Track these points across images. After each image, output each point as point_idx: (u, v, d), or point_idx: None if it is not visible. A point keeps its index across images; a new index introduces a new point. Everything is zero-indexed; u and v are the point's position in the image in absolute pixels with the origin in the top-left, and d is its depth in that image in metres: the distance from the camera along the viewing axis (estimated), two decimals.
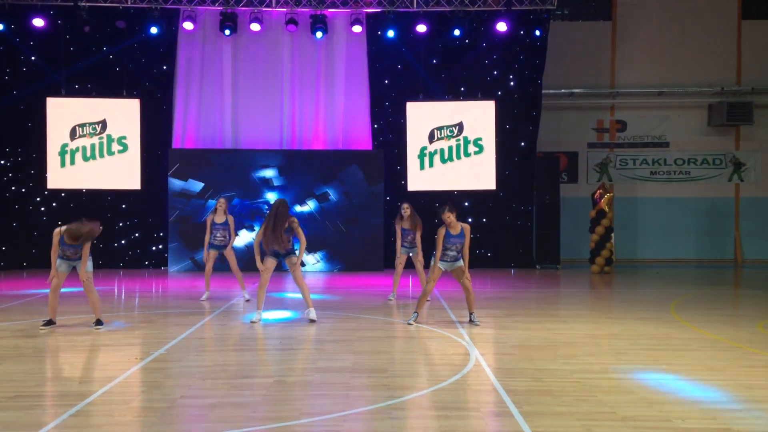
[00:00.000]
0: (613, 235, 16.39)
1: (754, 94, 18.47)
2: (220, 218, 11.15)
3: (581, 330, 8.71)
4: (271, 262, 9.12)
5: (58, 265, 8.57)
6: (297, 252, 9.16)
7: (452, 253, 8.85)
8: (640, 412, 5.21)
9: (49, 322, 8.70)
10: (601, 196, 16.21)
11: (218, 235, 11.17)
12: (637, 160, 19.00)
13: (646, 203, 18.95)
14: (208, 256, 11.29)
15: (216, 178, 16.13)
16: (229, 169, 16.19)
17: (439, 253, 8.84)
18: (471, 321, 9.03)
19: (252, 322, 9.07)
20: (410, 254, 11.17)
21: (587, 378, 6.22)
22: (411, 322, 9.07)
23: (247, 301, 11.12)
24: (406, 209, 10.99)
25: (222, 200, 11.31)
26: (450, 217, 8.72)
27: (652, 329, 8.71)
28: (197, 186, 16.13)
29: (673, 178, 18.97)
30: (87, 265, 8.56)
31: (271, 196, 16.11)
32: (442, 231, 8.82)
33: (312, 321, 9.11)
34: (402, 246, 11.12)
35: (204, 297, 11.32)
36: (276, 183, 16.27)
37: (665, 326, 8.94)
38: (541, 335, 8.32)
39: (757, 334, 8.49)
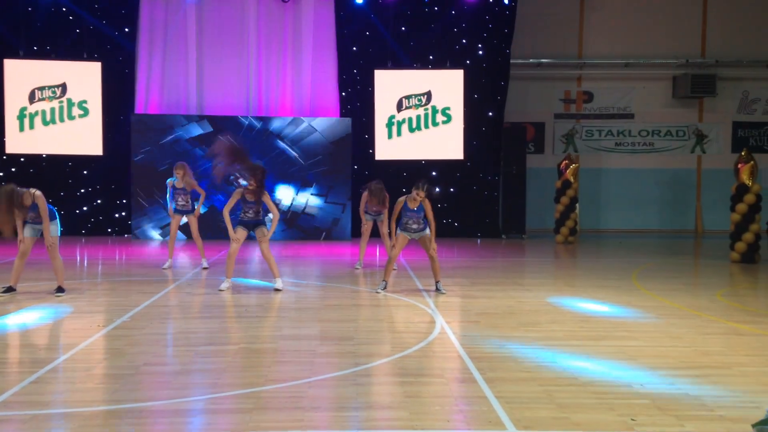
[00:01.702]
0: (577, 205, 16.58)
1: (717, 67, 18.68)
2: (179, 183, 10.98)
3: (545, 298, 8.83)
4: (241, 233, 9.04)
5: (25, 230, 8.41)
6: (269, 225, 9.11)
7: (414, 226, 8.90)
8: (600, 377, 5.31)
9: (9, 289, 8.53)
10: (567, 166, 16.35)
11: (179, 200, 11.00)
12: (602, 131, 19.16)
13: (611, 174, 19.17)
14: (172, 221, 11.14)
15: (178, 145, 15.85)
16: (194, 136, 15.91)
17: (393, 217, 9.06)
18: (437, 290, 9.08)
19: (220, 290, 8.99)
20: (376, 220, 11.17)
21: (550, 345, 6.31)
22: (380, 290, 9.08)
23: (205, 269, 10.98)
24: (374, 188, 10.62)
25: (179, 164, 11.07)
26: (420, 195, 8.76)
27: (614, 297, 8.87)
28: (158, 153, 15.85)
29: (638, 150, 19.20)
30: (51, 229, 8.40)
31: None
32: (401, 201, 8.89)
33: (277, 290, 9.07)
34: (367, 213, 11.11)
35: (167, 265, 11.13)
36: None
37: (627, 294, 9.10)
38: (506, 303, 8.41)
39: (716, 302, 8.70)
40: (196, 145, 15.85)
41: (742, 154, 12.85)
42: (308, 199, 16.27)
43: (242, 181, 9.00)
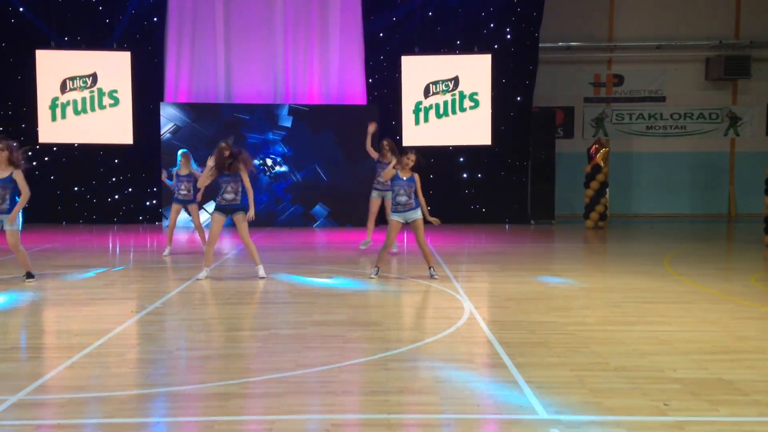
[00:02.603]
0: (607, 190, 16.37)
1: (752, 48, 18.27)
2: (183, 171, 11.09)
3: (575, 283, 8.76)
4: (218, 218, 8.81)
5: None
6: (246, 207, 8.81)
7: (403, 199, 8.82)
8: (632, 362, 5.26)
9: (29, 275, 8.61)
10: (597, 150, 16.15)
11: (182, 188, 11.10)
12: (633, 114, 18.88)
13: (642, 158, 18.90)
14: (172, 209, 11.26)
15: (209, 133, 15.97)
16: (222, 124, 16.01)
17: (386, 175, 9.02)
18: (431, 276, 8.96)
19: (198, 279, 8.81)
20: (383, 198, 11.10)
21: (581, 330, 6.26)
22: (373, 276, 9.01)
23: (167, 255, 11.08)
24: (385, 144, 10.92)
25: (182, 152, 11.20)
26: (411, 159, 8.75)
27: (646, 283, 8.77)
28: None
29: (669, 133, 18.89)
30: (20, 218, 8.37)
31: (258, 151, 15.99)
32: (392, 171, 8.88)
33: (262, 278, 8.89)
34: (375, 188, 11.09)
35: (166, 252, 11.20)
36: (270, 138, 16.12)
37: (659, 280, 8.99)
38: (536, 289, 8.36)
39: (749, 287, 8.55)
40: (221, 132, 15.92)
41: None
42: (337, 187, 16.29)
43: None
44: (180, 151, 11.29)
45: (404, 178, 8.85)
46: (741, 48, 18.30)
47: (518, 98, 17.05)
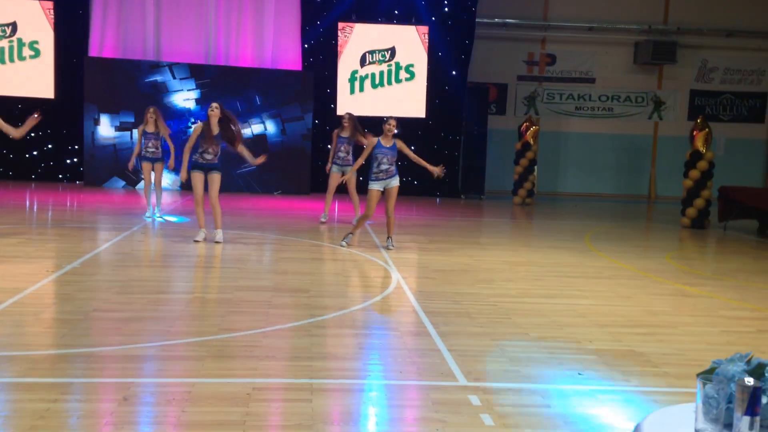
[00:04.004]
0: (536, 167, 16.71)
1: (678, 34, 18.85)
2: (150, 128, 10.65)
3: (500, 257, 8.93)
4: (198, 176, 8.73)
5: None
6: (219, 166, 8.81)
7: (385, 167, 8.79)
8: (551, 333, 5.41)
9: None
10: (527, 129, 16.42)
11: (149, 145, 10.65)
12: (563, 94, 19.26)
13: (570, 138, 19.35)
14: (142, 169, 10.83)
15: (135, 93, 15.43)
16: (151, 83, 15.50)
17: (362, 159, 8.97)
18: (388, 246, 9.04)
19: (195, 241, 8.74)
20: (342, 173, 11.01)
21: (503, 302, 6.40)
22: (344, 243, 9.02)
23: (156, 219, 10.76)
24: (346, 118, 10.91)
25: (151, 108, 10.77)
26: (392, 124, 8.75)
27: (567, 258, 9.02)
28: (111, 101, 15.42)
29: (597, 114, 19.39)
30: None
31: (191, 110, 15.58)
32: (373, 140, 8.85)
33: (217, 242, 8.77)
34: (334, 162, 10.98)
35: (147, 214, 10.84)
36: (199, 99, 15.71)
37: (579, 255, 9.26)
38: (462, 261, 8.49)
39: (665, 264, 8.92)
40: (152, 93, 15.43)
41: (698, 121, 13.07)
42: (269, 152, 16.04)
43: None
44: (149, 108, 10.73)
45: (387, 146, 8.77)
46: (668, 34, 18.86)
47: (453, 72, 17.12)
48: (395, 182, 8.90)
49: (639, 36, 18.96)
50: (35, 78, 15.28)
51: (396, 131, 8.89)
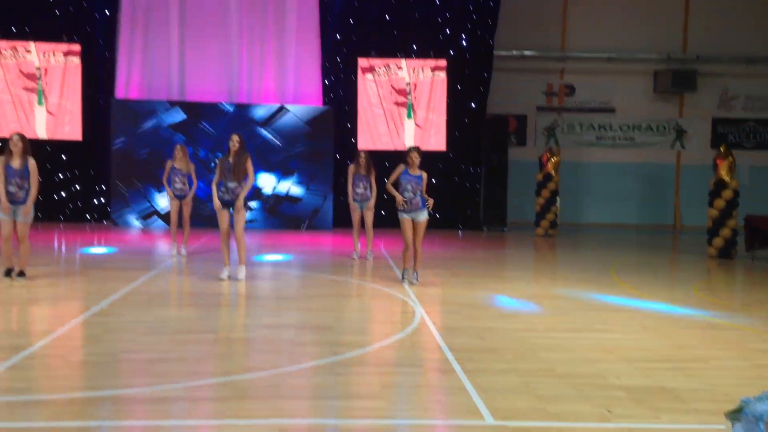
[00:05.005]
0: (558, 198, 16.65)
1: (698, 63, 18.82)
2: (178, 164, 10.84)
3: (525, 290, 8.87)
4: (224, 212, 8.77)
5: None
6: (247, 203, 8.83)
7: (409, 195, 8.80)
8: (578, 369, 5.35)
9: (22, 274, 8.43)
10: (548, 159, 16.41)
11: (177, 181, 10.82)
12: (583, 124, 19.26)
13: (591, 168, 19.28)
14: (170, 206, 10.96)
15: (163, 130, 15.71)
16: (176, 122, 15.77)
17: (391, 185, 8.93)
18: (412, 280, 9.01)
19: (219, 279, 8.80)
20: (363, 207, 11.09)
21: (528, 336, 6.35)
22: (414, 281, 8.95)
23: (181, 256, 10.89)
24: (363, 156, 11.03)
25: (179, 146, 10.97)
26: (416, 158, 8.81)
27: (593, 290, 8.94)
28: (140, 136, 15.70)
29: (618, 144, 19.33)
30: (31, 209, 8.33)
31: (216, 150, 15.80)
32: (401, 166, 8.91)
33: (240, 280, 8.79)
34: (354, 199, 11.08)
35: (173, 252, 11.00)
36: (222, 136, 15.92)
37: (605, 287, 9.17)
38: (486, 295, 8.45)
39: (693, 296, 8.80)
40: (176, 132, 15.69)
41: (721, 150, 12.97)
42: (290, 188, 16.19)
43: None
44: (177, 145, 10.99)
45: (413, 174, 8.84)
46: (688, 62, 18.84)
47: (472, 104, 17.23)
48: (423, 216, 8.91)
49: (658, 65, 18.96)
50: (64, 120, 15.62)
51: (419, 161, 8.89)
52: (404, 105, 16.58)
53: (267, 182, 16.08)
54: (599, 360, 5.63)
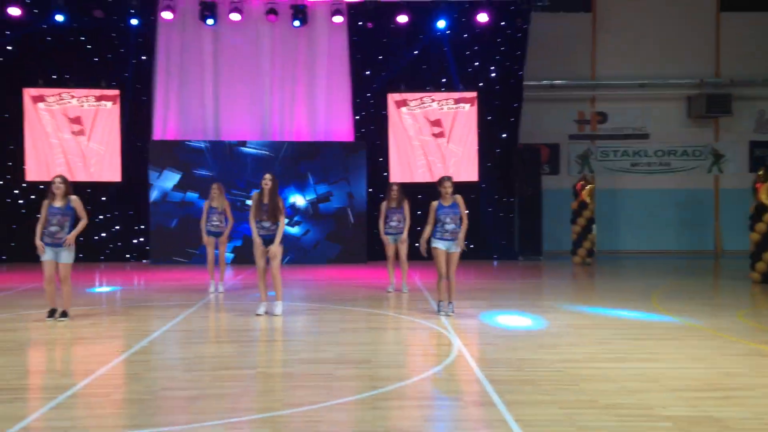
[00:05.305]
0: (594, 226, 16.48)
1: (732, 86, 18.63)
2: (215, 203, 11.05)
3: (564, 320, 8.75)
4: (260, 248, 8.87)
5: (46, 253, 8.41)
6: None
7: (450, 226, 8.78)
8: (621, 400, 5.24)
9: (65, 314, 8.61)
10: (583, 187, 16.29)
11: (214, 219, 11.04)
12: (617, 151, 19.12)
13: (627, 195, 19.08)
14: (206, 244, 11.17)
15: (197, 170, 16.01)
16: (212, 160, 16.06)
17: (430, 226, 8.86)
18: (448, 311, 8.97)
19: (257, 315, 8.89)
20: (396, 241, 11.15)
21: (569, 367, 6.25)
22: (443, 313, 8.95)
23: (219, 293, 11.01)
24: (395, 189, 11.10)
25: (215, 185, 11.21)
26: (449, 187, 8.78)
27: (634, 318, 8.78)
28: (176, 177, 16.01)
29: (654, 170, 19.12)
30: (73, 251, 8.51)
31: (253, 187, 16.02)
32: (434, 204, 8.89)
33: (277, 315, 8.87)
34: (387, 232, 11.12)
35: (211, 289, 11.16)
36: (258, 174, 16.16)
37: (647, 315, 9.00)
38: (524, 325, 8.35)
39: (737, 323, 8.58)
40: (212, 170, 15.96)
41: (760, 173, 12.74)
42: (323, 222, 16.31)
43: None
44: (213, 184, 11.25)
45: (447, 206, 8.84)
46: (722, 86, 18.65)
47: (503, 135, 17.24)
48: (455, 249, 8.88)
49: (691, 90, 18.80)
50: (104, 163, 16.03)
51: (452, 189, 8.90)
52: (440, 135, 16.67)
53: (300, 212, 16.21)
54: (643, 390, 5.50)
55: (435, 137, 16.70)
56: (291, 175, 16.11)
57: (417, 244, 9.26)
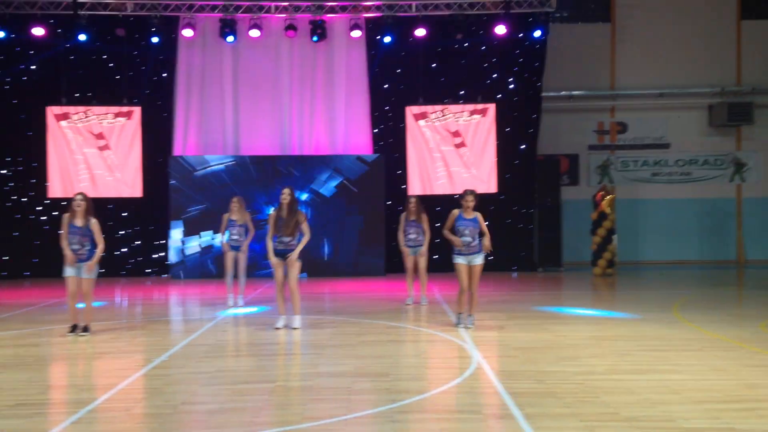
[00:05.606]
0: (614, 237, 16.34)
1: (754, 94, 18.44)
2: (234, 216, 11.13)
3: (584, 332, 8.68)
4: (278, 263, 8.92)
5: (66, 270, 8.54)
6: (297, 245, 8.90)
7: (468, 239, 8.76)
8: (643, 412, 5.18)
9: (86, 329, 8.72)
10: (603, 197, 16.18)
11: (234, 233, 11.11)
12: (638, 161, 18.98)
13: (648, 204, 18.91)
14: (225, 258, 11.24)
15: (218, 186, 16.14)
16: (232, 176, 16.19)
17: (448, 231, 8.85)
18: (468, 324, 8.94)
19: (276, 328, 8.93)
20: (415, 254, 11.19)
21: (590, 379, 6.19)
22: (463, 326, 8.93)
23: (238, 306, 11.06)
24: (413, 202, 11.18)
25: (235, 198, 11.29)
26: (471, 201, 8.78)
27: (656, 329, 8.69)
28: (198, 192, 16.15)
29: (675, 179, 18.94)
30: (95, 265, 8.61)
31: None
32: (455, 212, 8.89)
33: (296, 329, 8.90)
34: (407, 245, 11.16)
35: (230, 303, 11.22)
36: (278, 187, 16.24)
37: (668, 327, 8.91)
38: (544, 337, 8.30)
39: (760, 333, 8.46)
40: (232, 185, 16.08)
41: None
42: (340, 235, 16.34)
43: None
44: (233, 198, 11.33)
45: (468, 218, 8.83)
46: (743, 94, 18.47)
47: (522, 146, 17.19)
48: (479, 260, 8.85)
49: (712, 98, 18.64)
50: (125, 178, 16.22)
51: (474, 204, 8.89)
52: (460, 146, 16.69)
53: (318, 225, 16.27)
54: (665, 402, 5.44)
55: (456, 147, 16.70)
56: (309, 187, 16.17)
57: (436, 257, 9.24)
